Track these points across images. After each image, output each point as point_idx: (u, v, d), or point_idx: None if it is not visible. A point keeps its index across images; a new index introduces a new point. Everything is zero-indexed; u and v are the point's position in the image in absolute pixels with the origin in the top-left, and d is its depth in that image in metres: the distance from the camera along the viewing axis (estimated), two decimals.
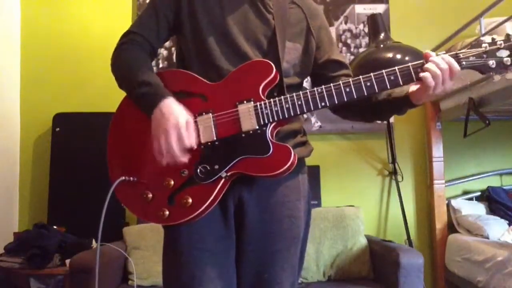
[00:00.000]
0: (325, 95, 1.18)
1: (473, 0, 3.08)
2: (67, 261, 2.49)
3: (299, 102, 1.19)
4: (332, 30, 3.38)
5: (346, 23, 3.41)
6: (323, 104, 1.19)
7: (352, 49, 3.39)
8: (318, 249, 2.77)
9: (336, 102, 1.19)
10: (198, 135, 1.20)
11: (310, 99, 1.19)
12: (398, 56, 2.57)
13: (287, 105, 1.18)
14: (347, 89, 1.18)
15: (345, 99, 1.18)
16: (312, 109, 1.20)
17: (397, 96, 1.26)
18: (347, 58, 3.34)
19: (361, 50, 3.33)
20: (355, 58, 2.84)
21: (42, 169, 3.18)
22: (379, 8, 3.39)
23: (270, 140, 1.18)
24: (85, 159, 3.02)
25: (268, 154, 1.17)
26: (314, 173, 3.21)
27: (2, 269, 2.55)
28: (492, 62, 1.15)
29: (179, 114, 1.16)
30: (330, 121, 3.25)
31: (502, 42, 1.15)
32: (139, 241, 2.74)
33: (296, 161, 1.18)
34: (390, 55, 2.60)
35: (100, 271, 2.32)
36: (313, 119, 3.30)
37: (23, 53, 3.34)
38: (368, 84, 1.17)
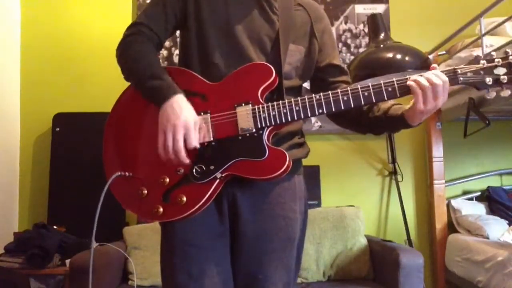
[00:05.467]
0: (323, 102, 1.19)
1: (473, 0, 3.08)
2: (67, 261, 2.50)
3: (297, 108, 1.19)
4: (332, 30, 3.38)
5: (346, 23, 3.41)
6: (320, 111, 1.19)
7: (352, 49, 3.39)
8: (318, 249, 2.77)
9: (334, 109, 1.19)
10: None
11: (308, 106, 1.19)
12: (398, 56, 2.56)
13: (284, 110, 1.19)
14: (345, 98, 1.18)
15: (342, 107, 1.19)
16: (310, 115, 1.20)
17: (393, 114, 1.25)
18: (347, 58, 3.35)
19: (361, 50, 3.32)
20: (355, 58, 2.83)
21: (42, 169, 3.18)
22: (379, 8, 3.39)
23: (266, 144, 1.19)
24: (85, 159, 3.02)
25: (264, 157, 1.18)
26: (314, 173, 3.21)
27: (2, 269, 2.55)
28: (489, 79, 1.15)
29: (189, 113, 1.16)
30: (330, 121, 3.23)
31: (500, 59, 1.15)
32: (139, 241, 2.74)
33: (291, 165, 1.18)
34: (390, 55, 2.59)
35: (100, 271, 2.34)
36: (313, 119, 3.30)
37: (23, 53, 3.34)
38: (366, 94, 1.18)
